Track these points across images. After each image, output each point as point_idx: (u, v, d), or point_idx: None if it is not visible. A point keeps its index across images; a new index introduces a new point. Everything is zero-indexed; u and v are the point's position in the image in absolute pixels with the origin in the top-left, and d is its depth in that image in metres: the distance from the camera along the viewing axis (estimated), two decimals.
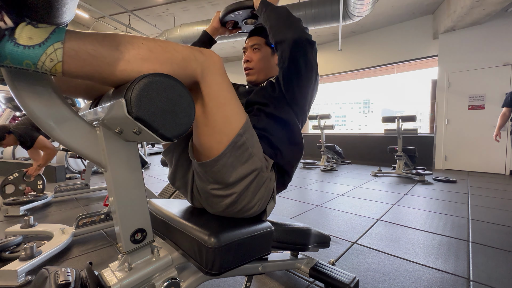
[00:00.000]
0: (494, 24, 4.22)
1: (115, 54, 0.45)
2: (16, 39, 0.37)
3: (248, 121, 0.66)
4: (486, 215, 2.03)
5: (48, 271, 0.54)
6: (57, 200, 2.50)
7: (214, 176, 0.63)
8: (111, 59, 0.45)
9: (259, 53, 0.97)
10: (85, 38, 0.43)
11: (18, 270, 1.08)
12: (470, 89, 4.52)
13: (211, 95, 0.58)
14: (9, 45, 0.36)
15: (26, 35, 0.38)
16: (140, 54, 0.48)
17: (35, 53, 0.38)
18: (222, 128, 0.60)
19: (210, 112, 0.59)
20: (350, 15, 4.07)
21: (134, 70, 0.47)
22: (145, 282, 0.59)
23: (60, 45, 0.40)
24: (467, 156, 4.54)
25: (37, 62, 0.39)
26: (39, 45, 0.38)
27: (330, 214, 2.05)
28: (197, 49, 0.57)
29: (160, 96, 0.46)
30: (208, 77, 0.58)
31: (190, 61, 0.54)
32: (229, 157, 0.61)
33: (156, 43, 0.51)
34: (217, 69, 0.59)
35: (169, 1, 5.12)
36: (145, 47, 0.48)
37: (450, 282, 1.12)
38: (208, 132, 0.61)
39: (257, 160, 0.66)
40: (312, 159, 5.77)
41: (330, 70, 6.70)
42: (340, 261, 1.30)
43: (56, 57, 0.40)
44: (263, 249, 0.67)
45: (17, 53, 0.37)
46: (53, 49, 0.39)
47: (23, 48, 0.37)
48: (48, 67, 0.40)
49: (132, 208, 0.57)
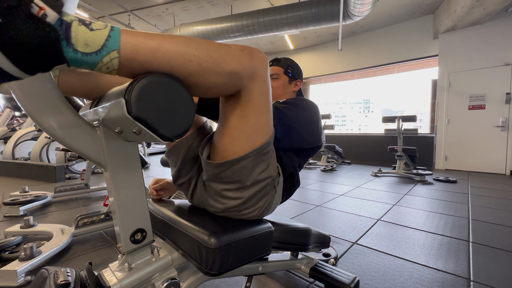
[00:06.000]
0: (495, 24, 4.22)
1: (165, 67, 0.46)
2: (74, 45, 0.37)
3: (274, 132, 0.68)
4: (486, 215, 2.03)
5: (48, 271, 0.54)
6: (57, 200, 2.50)
7: (231, 176, 0.63)
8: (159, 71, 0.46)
9: (277, 82, 1.04)
10: (139, 46, 0.43)
11: (18, 270, 1.08)
12: (470, 89, 4.51)
13: (250, 101, 0.57)
14: (69, 50, 0.37)
15: (82, 41, 0.38)
16: (188, 70, 0.47)
17: (93, 60, 0.39)
18: (251, 134, 0.61)
19: (245, 117, 0.58)
20: (350, 15, 4.06)
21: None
22: (145, 282, 0.59)
23: (116, 54, 0.41)
24: (468, 156, 4.54)
25: (94, 68, 0.41)
26: (95, 53, 0.39)
27: (330, 214, 2.04)
28: (247, 53, 0.54)
29: (160, 96, 0.46)
30: (252, 84, 0.56)
31: (237, 74, 0.53)
32: (251, 161, 0.62)
33: (208, 54, 0.48)
34: (263, 75, 0.58)
35: (169, 1, 5.12)
36: (196, 61, 0.47)
37: (450, 282, 1.11)
38: (235, 135, 0.60)
39: (272, 170, 0.69)
40: (312, 159, 5.76)
41: (330, 70, 6.69)
42: (340, 261, 1.29)
43: (112, 66, 0.41)
44: (263, 249, 0.67)
45: (76, 59, 0.38)
46: (109, 59, 0.40)
47: (81, 55, 0.38)
48: (105, 72, 0.42)
49: (132, 208, 0.57)
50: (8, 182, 3.33)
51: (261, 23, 4.60)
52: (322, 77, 6.98)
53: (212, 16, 5.39)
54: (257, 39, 6.53)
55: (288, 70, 1.05)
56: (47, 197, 2.34)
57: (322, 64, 6.81)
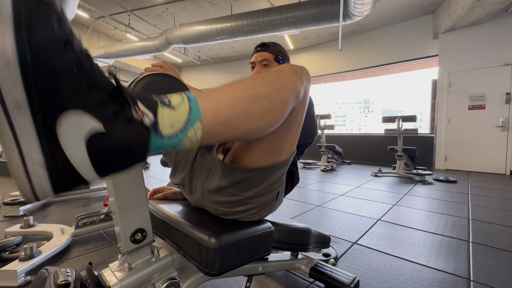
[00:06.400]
0: (495, 24, 4.22)
1: (243, 117, 0.42)
2: (160, 130, 0.33)
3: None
4: (486, 215, 2.03)
5: (48, 271, 0.54)
6: (57, 200, 2.49)
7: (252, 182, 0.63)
8: (239, 123, 0.42)
9: (269, 69, 0.97)
10: (217, 106, 0.40)
11: (18, 270, 1.07)
12: (470, 89, 4.51)
13: (289, 118, 0.56)
14: (155, 138, 0.33)
15: (168, 122, 0.34)
16: (262, 110, 0.45)
17: (178, 139, 0.35)
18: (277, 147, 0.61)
19: (277, 131, 0.57)
20: (350, 15, 4.06)
21: (255, 128, 0.45)
22: (145, 282, 0.59)
23: (199, 123, 0.37)
24: (468, 156, 4.54)
25: (178, 146, 0.36)
26: (181, 131, 0.35)
27: (330, 214, 2.04)
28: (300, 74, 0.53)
29: None
30: (298, 103, 0.56)
31: (297, 99, 0.53)
32: (276, 171, 0.63)
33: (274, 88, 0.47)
34: (306, 96, 0.57)
35: (169, 1, 5.12)
36: (267, 98, 0.45)
37: (450, 282, 1.11)
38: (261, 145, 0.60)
39: (284, 179, 0.71)
40: (312, 159, 5.76)
41: (330, 70, 6.70)
42: (340, 261, 1.29)
43: (196, 137, 0.37)
44: (263, 249, 0.67)
45: (160, 144, 0.34)
46: (193, 132, 0.37)
47: (167, 139, 0.34)
48: (188, 147, 0.38)
49: (132, 208, 0.57)
50: (8, 182, 3.33)
51: (261, 23, 4.60)
52: (322, 77, 6.98)
53: (212, 16, 5.39)
54: (257, 39, 6.53)
55: (278, 56, 0.99)
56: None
57: (322, 64, 6.81)
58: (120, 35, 7.03)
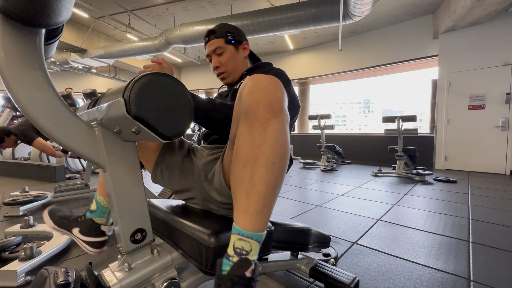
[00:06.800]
0: (495, 24, 4.22)
1: (274, 194, 0.53)
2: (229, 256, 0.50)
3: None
4: (486, 215, 2.03)
5: (48, 271, 0.54)
6: (57, 200, 2.49)
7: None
8: (275, 195, 0.54)
9: (225, 55, 0.93)
10: (263, 219, 0.52)
11: (18, 270, 1.07)
12: (470, 89, 4.51)
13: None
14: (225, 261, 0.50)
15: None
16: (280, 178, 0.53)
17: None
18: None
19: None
20: (350, 15, 4.06)
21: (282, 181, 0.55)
22: (145, 282, 0.59)
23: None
24: (468, 156, 4.54)
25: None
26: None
27: (330, 214, 2.04)
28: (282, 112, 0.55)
29: (159, 95, 0.46)
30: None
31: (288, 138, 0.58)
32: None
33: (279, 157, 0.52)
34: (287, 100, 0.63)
35: (169, 1, 5.12)
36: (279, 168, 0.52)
37: (450, 283, 1.11)
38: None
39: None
40: (312, 159, 5.76)
41: (330, 70, 6.69)
42: (340, 261, 1.29)
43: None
44: (263, 249, 0.66)
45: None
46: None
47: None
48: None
49: (132, 208, 0.57)
50: (8, 182, 3.33)
51: (261, 23, 4.60)
52: (322, 77, 6.98)
53: (212, 16, 5.39)
54: (257, 39, 6.53)
55: (228, 37, 0.92)
56: (47, 197, 2.34)
57: (322, 64, 6.81)
58: (120, 35, 7.03)
